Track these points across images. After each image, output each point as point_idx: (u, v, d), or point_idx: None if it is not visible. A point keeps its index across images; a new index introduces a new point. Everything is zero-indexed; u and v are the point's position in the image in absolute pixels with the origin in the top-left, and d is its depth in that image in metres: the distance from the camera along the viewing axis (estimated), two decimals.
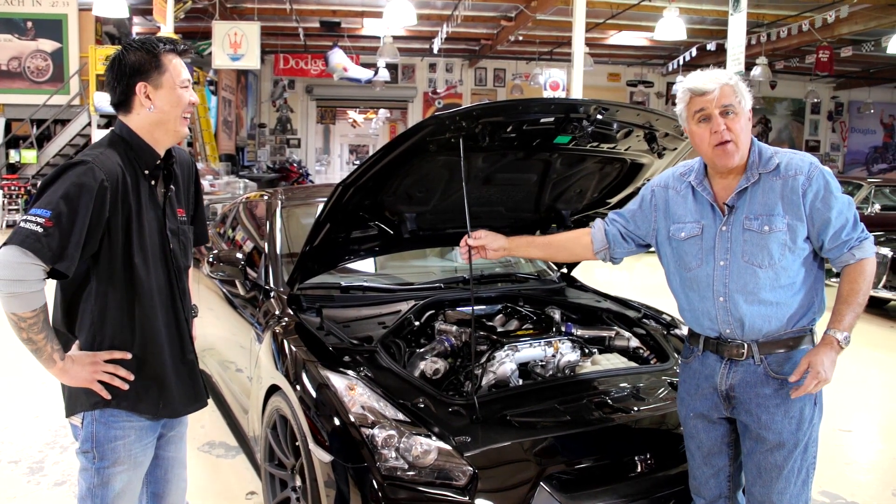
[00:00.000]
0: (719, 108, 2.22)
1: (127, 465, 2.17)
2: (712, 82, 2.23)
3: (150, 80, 2.11)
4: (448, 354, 3.15)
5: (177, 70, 2.15)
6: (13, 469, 3.88)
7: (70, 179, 1.97)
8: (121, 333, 2.11)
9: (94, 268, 2.07)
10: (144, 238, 2.12)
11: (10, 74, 14.28)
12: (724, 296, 2.27)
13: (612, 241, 2.60)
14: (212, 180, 13.65)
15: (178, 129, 2.19)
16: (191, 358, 2.29)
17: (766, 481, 2.28)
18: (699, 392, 2.41)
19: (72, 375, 2.06)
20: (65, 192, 1.94)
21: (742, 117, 2.23)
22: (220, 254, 3.88)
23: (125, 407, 2.13)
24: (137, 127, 2.15)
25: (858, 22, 13.50)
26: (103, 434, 2.13)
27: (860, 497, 3.86)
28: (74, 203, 1.94)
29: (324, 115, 26.07)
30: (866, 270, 2.23)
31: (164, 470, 2.39)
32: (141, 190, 2.13)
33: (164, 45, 2.14)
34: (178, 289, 2.25)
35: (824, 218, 2.19)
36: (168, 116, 2.15)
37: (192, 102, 2.19)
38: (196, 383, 2.31)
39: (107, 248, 2.05)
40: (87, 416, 2.14)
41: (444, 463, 2.39)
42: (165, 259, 2.20)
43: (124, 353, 2.10)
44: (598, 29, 15.62)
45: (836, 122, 24.33)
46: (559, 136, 2.98)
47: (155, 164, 2.19)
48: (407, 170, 2.96)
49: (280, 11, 15.48)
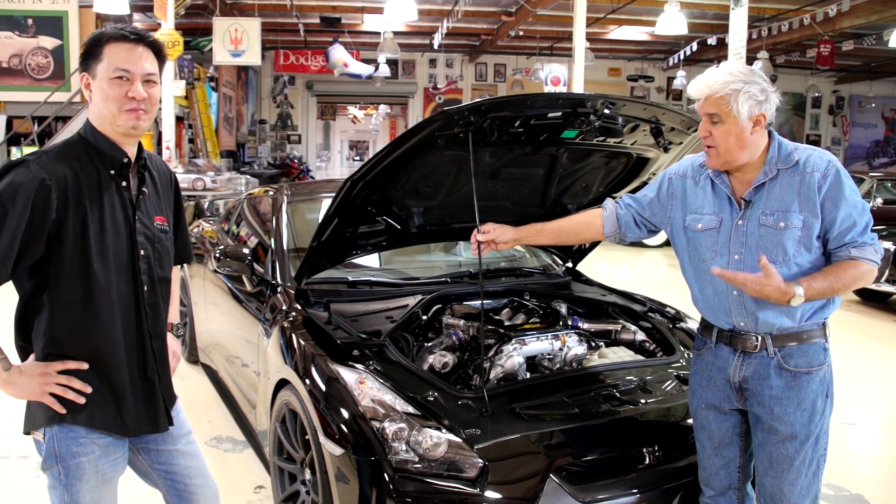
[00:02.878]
0: (704, 114, 2.26)
1: (94, 481, 2.01)
2: (699, 91, 2.26)
3: (89, 69, 1.96)
4: (456, 348, 3.17)
5: (113, 59, 1.93)
6: (23, 464, 3.90)
7: (7, 180, 1.82)
8: (76, 343, 1.94)
9: (48, 273, 1.90)
10: (106, 242, 1.95)
11: (11, 72, 14.25)
12: (737, 290, 2.27)
13: (625, 227, 2.60)
14: (213, 177, 13.65)
15: (120, 124, 1.96)
16: (152, 377, 2.09)
17: (777, 472, 2.29)
18: (711, 383, 2.42)
19: (18, 387, 1.89)
20: (0, 192, 1.80)
21: (729, 125, 2.21)
22: (226, 249, 3.90)
23: (81, 422, 1.96)
24: (93, 120, 2.00)
25: (860, 16, 13.48)
26: (65, 450, 1.97)
27: (864, 489, 3.88)
28: (7, 204, 1.79)
29: (324, 111, 26.06)
30: (857, 268, 2.16)
31: (184, 484, 2.22)
32: (104, 191, 1.96)
33: (110, 31, 1.96)
34: (146, 300, 2.05)
35: (830, 217, 2.19)
36: (103, 110, 1.96)
37: (130, 97, 1.95)
38: (155, 404, 2.10)
39: (58, 252, 1.88)
40: (48, 431, 1.97)
41: (454, 455, 2.40)
42: (133, 267, 2.02)
43: (80, 363, 1.93)
44: (598, 24, 15.61)
45: (837, 116, 24.30)
46: (566, 131, 2.99)
47: (122, 163, 2.01)
48: (415, 165, 2.97)
49: (280, 7, 15.46)
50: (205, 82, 17.16)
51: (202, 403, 4.79)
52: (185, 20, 14.71)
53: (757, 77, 2.24)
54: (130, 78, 1.95)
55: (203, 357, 5.17)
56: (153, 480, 2.23)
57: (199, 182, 13.25)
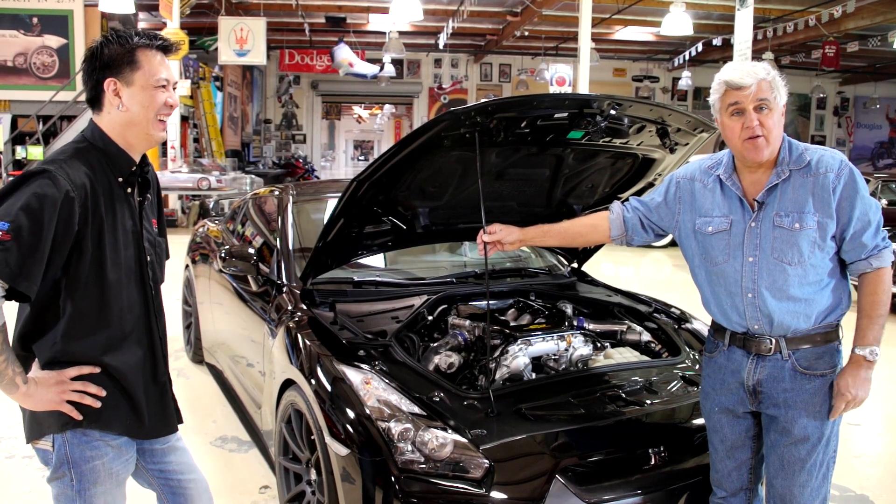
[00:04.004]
0: (755, 102, 2.19)
1: (108, 483, 2.01)
2: (750, 77, 2.19)
3: (121, 76, 1.92)
4: (462, 348, 3.17)
5: (153, 67, 1.94)
6: (27, 464, 3.91)
7: (31, 190, 1.78)
8: (90, 352, 1.92)
9: (64, 283, 1.87)
10: (119, 251, 1.94)
11: (17, 70, 14.30)
12: (752, 292, 2.26)
13: (631, 230, 2.59)
14: (218, 176, 13.68)
15: (151, 133, 1.98)
16: (163, 379, 2.10)
17: (788, 474, 2.29)
18: (725, 387, 2.40)
19: (37, 399, 1.86)
20: (25, 204, 1.76)
21: (775, 113, 2.21)
22: (231, 249, 3.90)
23: (97, 427, 1.95)
24: (108, 128, 1.96)
25: (865, 17, 13.48)
26: (79, 454, 1.95)
27: (869, 490, 3.87)
28: (37, 216, 1.76)
29: (329, 110, 26.14)
30: (884, 280, 2.22)
31: (177, 481, 2.22)
32: (115, 199, 1.95)
33: (141, 39, 1.94)
34: (155, 305, 2.07)
35: (847, 217, 2.18)
36: (138, 118, 1.95)
37: (168, 104, 1.97)
38: (166, 407, 2.12)
39: (76, 263, 1.86)
40: (58, 438, 1.94)
41: (459, 456, 2.40)
42: (141, 273, 2.02)
43: (92, 368, 1.92)
44: (604, 24, 15.62)
45: (842, 117, 24.28)
46: (572, 132, 2.98)
47: (130, 171, 2.00)
48: (421, 165, 2.97)
49: (286, 7, 15.50)
50: (210, 82, 17.21)
51: (207, 403, 4.80)
52: (191, 19, 14.75)
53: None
54: (167, 86, 1.97)
55: (208, 357, 5.17)
56: (147, 480, 2.22)
57: (204, 182, 13.29)
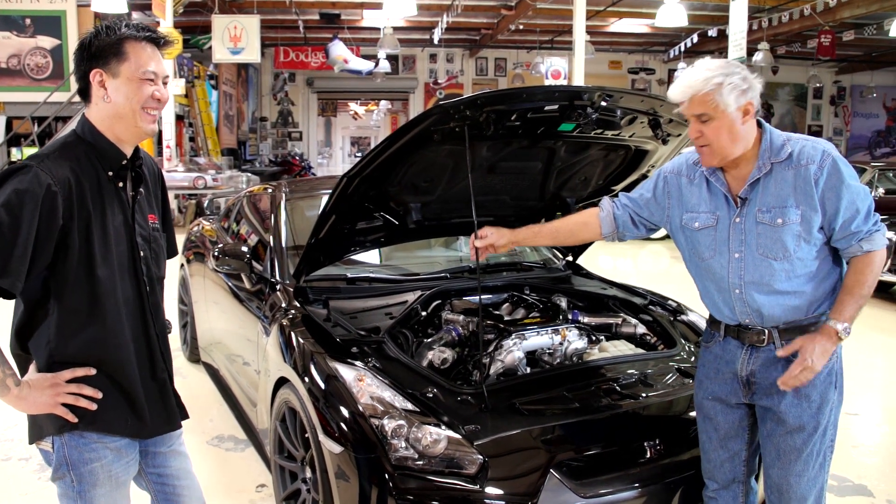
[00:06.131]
0: (692, 116, 2.22)
1: (108, 486, 1.99)
2: (682, 94, 2.20)
3: (108, 67, 1.88)
4: (455, 344, 3.16)
5: (140, 60, 1.89)
6: (23, 466, 3.90)
7: (11, 186, 1.76)
8: (84, 349, 1.90)
9: (51, 281, 1.85)
10: (109, 246, 1.91)
11: (10, 72, 14.25)
12: (739, 287, 2.26)
13: (622, 226, 2.58)
14: (214, 175, 13.66)
15: (140, 126, 1.93)
16: (162, 376, 2.07)
17: (784, 464, 2.28)
18: (719, 376, 2.40)
19: (30, 402, 1.84)
20: (5, 201, 1.74)
21: (719, 121, 2.17)
22: (225, 247, 3.88)
23: (95, 429, 1.93)
24: (97, 120, 1.93)
25: (860, 5, 13.46)
26: (77, 457, 1.93)
27: (867, 479, 3.87)
28: (16, 212, 1.73)
29: (325, 107, 26.08)
30: (874, 262, 2.19)
31: (172, 486, 2.20)
32: (104, 194, 1.92)
33: (129, 30, 1.90)
34: (150, 301, 2.04)
35: (834, 208, 2.15)
36: (123, 110, 1.91)
37: (156, 98, 1.93)
38: (168, 403, 2.09)
39: (63, 260, 1.84)
40: (56, 440, 1.93)
41: (454, 452, 2.39)
42: (135, 269, 1.99)
43: (87, 370, 1.89)
44: (598, 16, 15.58)
45: (839, 106, 24.26)
46: (563, 124, 2.97)
47: (120, 165, 1.97)
48: (412, 160, 2.96)
49: (279, 4, 15.46)
50: (205, 80, 17.17)
51: (204, 402, 4.79)
52: (184, 18, 14.70)
53: (735, 67, 2.19)
54: (154, 80, 1.93)
55: (204, 356, 5.16)
56: (142, 483, 2.21)
57: (200, 180, 13.27)
